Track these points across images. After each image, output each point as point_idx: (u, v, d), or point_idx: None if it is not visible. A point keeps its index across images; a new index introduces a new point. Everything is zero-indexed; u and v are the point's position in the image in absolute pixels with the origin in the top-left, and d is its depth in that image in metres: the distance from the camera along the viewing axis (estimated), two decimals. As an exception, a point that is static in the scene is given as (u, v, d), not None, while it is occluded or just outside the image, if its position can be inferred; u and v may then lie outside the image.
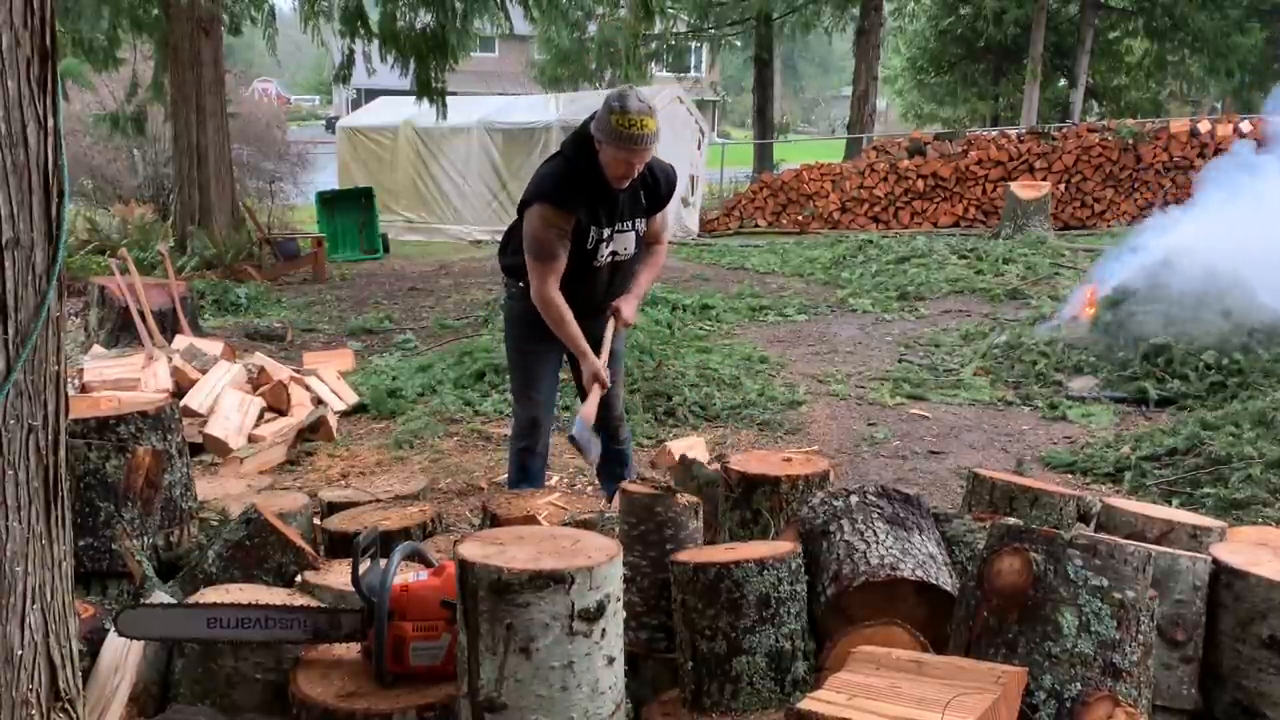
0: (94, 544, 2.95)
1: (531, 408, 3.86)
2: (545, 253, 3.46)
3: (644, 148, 3.34)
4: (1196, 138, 13.72)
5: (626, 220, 3.58)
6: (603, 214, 3.51)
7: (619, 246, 3.61)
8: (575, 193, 3.44)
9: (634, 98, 3.33)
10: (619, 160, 3.36)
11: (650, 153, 3.41)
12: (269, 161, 16.26)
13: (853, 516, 2.48)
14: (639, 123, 3.27)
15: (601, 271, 3.63)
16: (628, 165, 3.38)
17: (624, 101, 3.30)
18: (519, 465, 3.92)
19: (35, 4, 1.74)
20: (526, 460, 3.90)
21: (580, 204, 3.44)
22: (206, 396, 5.39)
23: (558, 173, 3.49)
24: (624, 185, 3.47)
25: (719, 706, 2.27)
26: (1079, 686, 1.98)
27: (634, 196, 3.56)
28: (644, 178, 3.56)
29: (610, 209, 3.52)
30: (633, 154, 3.35)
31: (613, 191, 3.47)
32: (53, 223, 1.82)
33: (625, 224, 3.58)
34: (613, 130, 3.30)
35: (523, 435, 3.90)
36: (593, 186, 3.44)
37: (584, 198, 3.45)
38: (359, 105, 21.93)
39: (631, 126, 3.27)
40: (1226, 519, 3.62)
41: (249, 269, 10.95)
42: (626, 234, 3.61)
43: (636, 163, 3.39)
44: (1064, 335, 6.81)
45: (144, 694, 2.40)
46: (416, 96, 11.41)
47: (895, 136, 18.17)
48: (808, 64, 53.40)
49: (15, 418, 1.79)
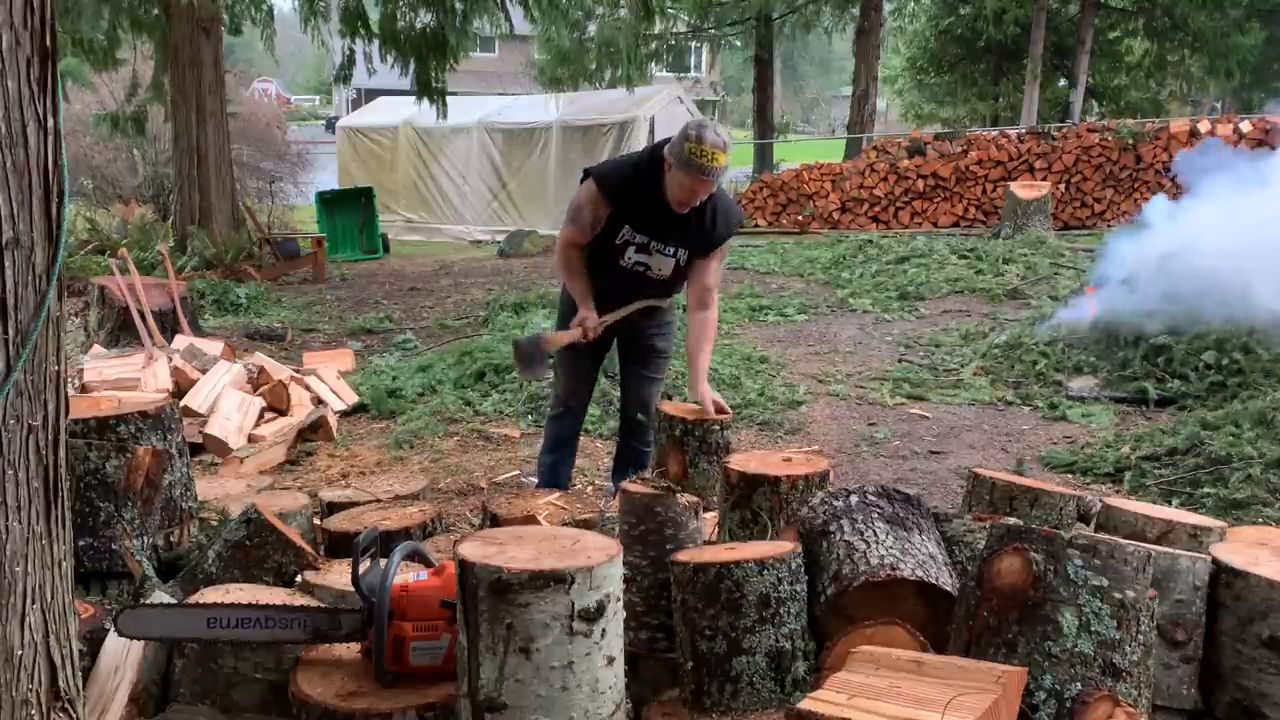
0: (94, 544, 2.96)
1: (564, 386, 4.06)
2: (575, 217, 3.70)
3: (710, 179, 3.45)
4: (1196, 138, 13.70)
5: (669, 244, 3.67)
6: (646, 225, 3.62)
7: (653, 264, 3.70)
8: (626, 192, 3.59)
9: (712, 130, 3.44)
10: (683, 186, 3.47)
11: (714, 185, 3.51)
12: (269, 161, 16.26)
13: (853, 516, 2.48)
14: (710, 155, 3.37)
15: (625, 274, 3.71)
16: (690, 193, 3.48)
17: (701, 132, 3.41)
18: (551, 435, 4.14)
19: (35, 4, 1.74)
20: (558, 431, 4.11)
21: (624, 203, 3.60)
22: (206, 396, 5.39)
23: (623, 167, 3.70)
24: (682, 210, 3.55)
25: (719, 706, 2.27)
26: (1079, 686, 1.98)
27: (688, 225, 3.62)
28: (709, 215, 3.63)
29: (656, 225, 3.62)
30: (698, 183, 3.45)
31: (664, 211, 3.57)
32: (53, 223, 1.82)
33: (667, 247, 3.67)
34: (684, 156, 3.40)
35: (555, 409, 4.14)
36: (647, 197, 3.57)
37: (632, 201, 3.59)
38: (359, 105, 21.93)
39: (703, 157, 3.37)
40: (1226, 519, 3.62)
41: (249, 269, 10.94)
42: (665, 257, 3.69)
43: (700, 191, 3.49)
44: (1064, 335, 6.81)
45: (144, 694, 2.40)
46: (416, 96, 11.41)
47: (895, 136, 18.16)
48: (808, 64, 53.37)
49: (15, 418, 1.79)
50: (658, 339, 3.94)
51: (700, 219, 3.62)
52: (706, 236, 3.67)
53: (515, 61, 26.84)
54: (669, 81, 21.14)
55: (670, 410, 3.66)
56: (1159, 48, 23.93)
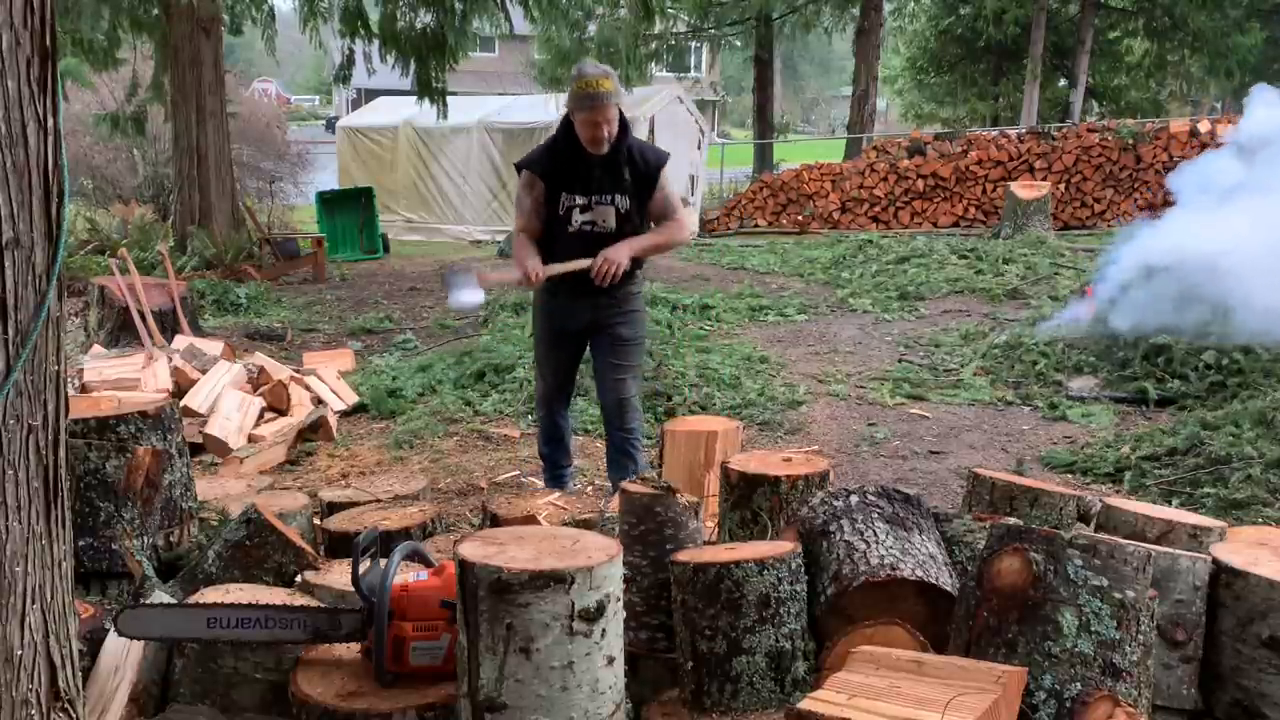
0: (94, 544, 2.95)
1: (541, 382, 4.25)
2: (518, 207, 3.97)
3: (601, 104, 3.64)
4: (1196, 138, 13.70)
5: (606, 194, 3.82)
6: (577, 183, 3.81)
7: (596, 218, 3.85)
8: (549, 161, 3.83)
9: (589, 64, 3.77)
10: (584, 122, 3.68)
11: (610, 109, 3.68)
12: (269, 161, 16.25)
13: (853, 516, 2.48)
14: (593, 82, 3.62)
15: (577, 239, 3.84)
16: (594, 125, 3.67)
17: (580, 68, 3.73)
18: (541, 428, 4.32)
19: (35, 4, 1.74)
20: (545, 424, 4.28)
21: (550, 170, 3.82)
22: (206, 396, 5.39)
23: (542, 145, 3.97)
24: (599, 149, 3.73)
25: (719, 706, 2.27)
26: (1079, 686, 1.98)
27: (614, 171, 3.80)
28: (630, 156, 3.81)
29: (585, 179, 3.80)
30: (593, 112, 3.65)
31: (589, 161, 3.75)
32: (53, 223, 1.82)
33: (604, 197, 3.83)
34: (573, 94, 3.67)
35: (539, 405, 4.32)
36: (569, 157, 3.78)
37: (557, 166, 3.81)
38: (359, 105, 21.93)
39: (586, 87, 3.62)
40: (1226, 519, 3.62)
41: (249, 269, 10.94)
42: (605, 207, 3.84)
43: (600, 121, 3.67)
44: (1064, 335, 6.81)
45: (144, 694, 2.40)
46: (416, 96, 11.41)
47: (895, 136, 18.16)
48: (808, 64, 53.36)
49: (15, 418, 1.79)
50: (622, 327, 4.00)
51: (627, 160, 3.81)
52: (638, 174, 3.83)
53: (515, 61, 26.84)
54: (669, 81, 21.11)
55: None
56: (1159, 48, 23.93)
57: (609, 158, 3.77)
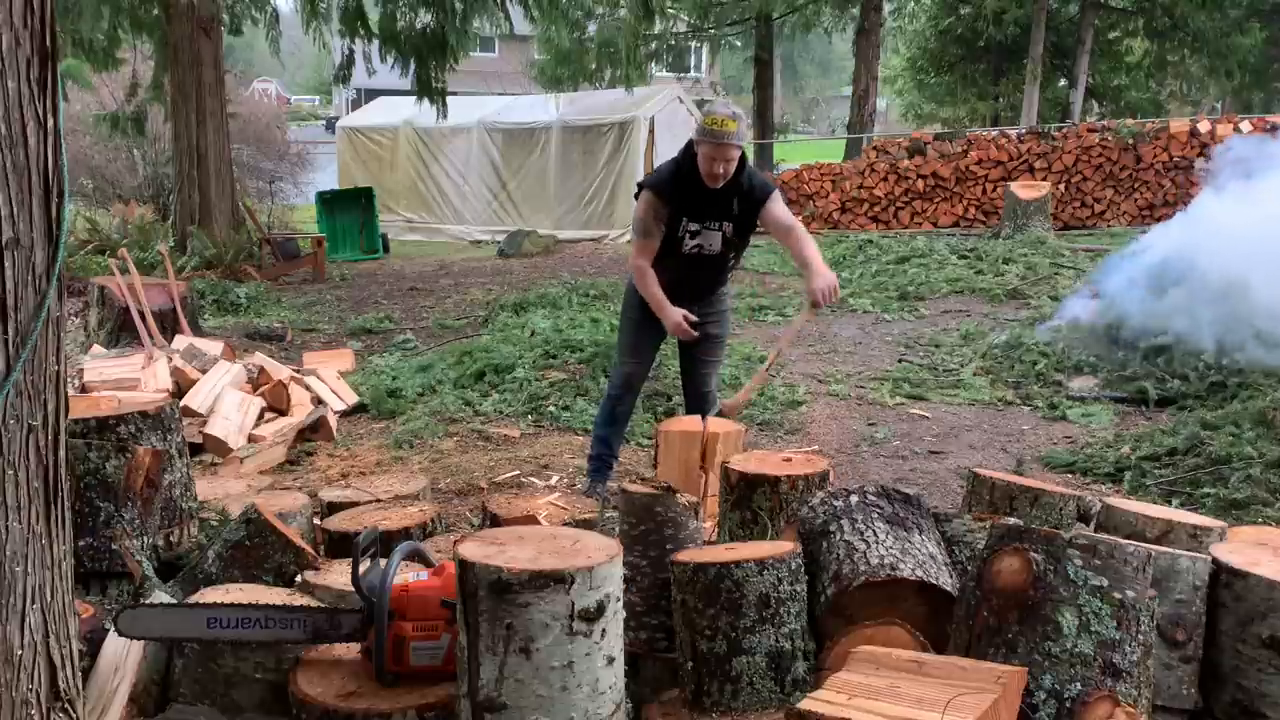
0: (94, 544, 2.95)
1: (628, 365, 4.40)
2: (641, 229, 4.14)
3: (725, 143, 3.85)
4: (1196, 138, 13.69)
5: (715, 221, 4.07)
6: (694, 209, 4.03)
7: (704, 242, 4.10)
8: (674, 186, 4.04)
9: (721, 104, 4.00)
10: (707, 156, 3.89)
11: (732, 150, 3.89)
12: (269, 161, 16.26)
13: (853, 516, 2.48)
14: (720, 121, 3.84)
15: (686, 260, 4.11)
16: (713, 160, 3.88)
17: (711, 108, 3.98)
18: (609, 411, 4.43)
19: (35, 4, 1.74)
20: (616, 408, 4.42)
21: (675, 195, 4.02)
22: (206, 396, 5.39)
23: (666, 169, 4.15)
24: (716, 184, 3.94)
25: (719, 706, 2.27)
26: (1079, 686, 1.98)
27: (726, 201, 4.02)
28: (740, 186, 4.01)
29: (701, 206, 4.03)
30: (716, 149, 3.86)
31: (707, 191, 3.97)
32: (53, 223, 1.82)
33: (713, 224, 4.07)
34: (702, 129, 3.89)
35: (616, 388, 4.45)
36: (690, 184, 3.99)
37: (680, 191, 4.02)
38: (359, 105, 21.92)
39: (715, 124, 3.84)
40: (1226, 519, 3.62)
41: (249, 269, 10.94)
42: (713, 233, 4.09)
43: (720, 159, 3.88)
44: (1064, 335, 6.80)
45: (144, 694, 2.40)
46: (416, 96, 11.42)
47: (895, 136, 18.15)
48: (808, 64, 53.35)
49: (15, 418, 1.79)
50: (712, 326, 4.27)
51: (739, 191, 4.02)
52: (748, 202, 4.06)
53: (515, 61, 26.86)
54: (669, 81, 21.10)
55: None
56: (1159, 48, 23.92)
57: (724, 190, 3.99)
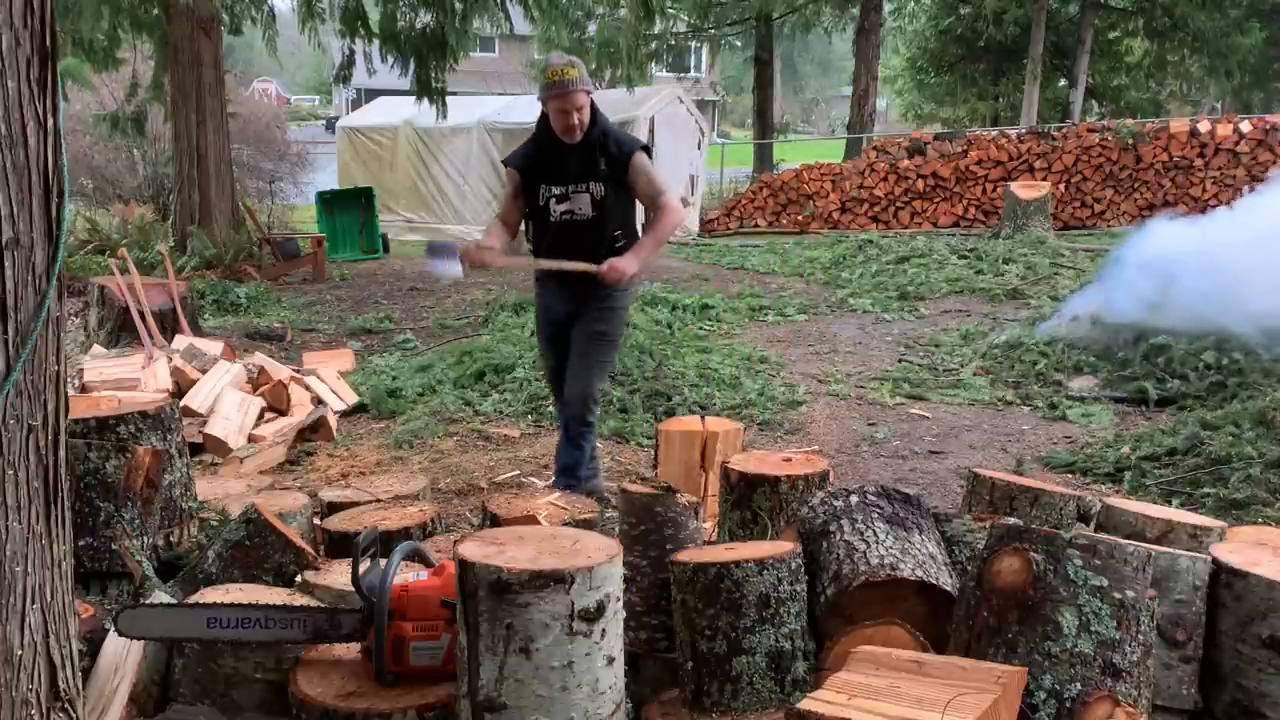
0: (94, 544, 2.95)
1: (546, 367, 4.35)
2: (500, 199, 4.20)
3: (568, 91, 3.73)
4: (1196, 138, 13.71)
5: (580, 183, 3.91)
6: (553, 175, 3.92)
7: (573, 207, 3.93)
8: (524, 154, 3.97)
9: (556, 55, 3.89)
10: (555, 110, 3.79)
11: (579, 97, 3.76)
12: (269, 161, 16.24)
13: (853, 516, 2.48)
14: (559, 70, 3.73)
15: (559, 229, 3.96)
16: (563, 114, 3.77)
17: (548, 59, 3.87)
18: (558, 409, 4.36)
19: (35, 4, 1.74)
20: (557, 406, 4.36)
21: (527, 164, 3.95)
22: (206, 396, 5.39)
23: (523, 143, 4.05)
24: (573, 136, 3.82)
25: (719, 706, 2.27)
26: (1079, 686, 1.98)
27: (589, 160, 3.88)
28: (603, 144, 3.88)
29: (561, 170, 3.90)
30: (562, 100, 3.74)
31: (563, 152, 3.86)
32: (53, 223, 1.82)
33: (579, 185, 3.91)
34: (542, 84, 3.81)
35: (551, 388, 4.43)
36: (546, 150, 3.90)
37: (534, 159, 3.93)
38: (359, 105, 21.93)
39: (554, 75, 3.73)
40: (1226, 519, 3.62)
41: (249, 269, 10.94)
42: (580, 195, 3.93)
43: (570, 108, 3.75)
44: (1064, 335, 6.80)
45: (144, 694, 2.40)
46: (416, 96, 11.40)
47: (895, 136, 18.15)
48: (808, 64, 53.36)
49: (15, 418, 1.79)
50: (596, 322, 4.03)
51: (604, 150, 3.88)
52: (612, 161, 3.89)
53: (515, 61, 26.85)
54: (669, 81, 21.09)
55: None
56: (1159, 48, 23.92)
57: (582, 147, 3.86)
